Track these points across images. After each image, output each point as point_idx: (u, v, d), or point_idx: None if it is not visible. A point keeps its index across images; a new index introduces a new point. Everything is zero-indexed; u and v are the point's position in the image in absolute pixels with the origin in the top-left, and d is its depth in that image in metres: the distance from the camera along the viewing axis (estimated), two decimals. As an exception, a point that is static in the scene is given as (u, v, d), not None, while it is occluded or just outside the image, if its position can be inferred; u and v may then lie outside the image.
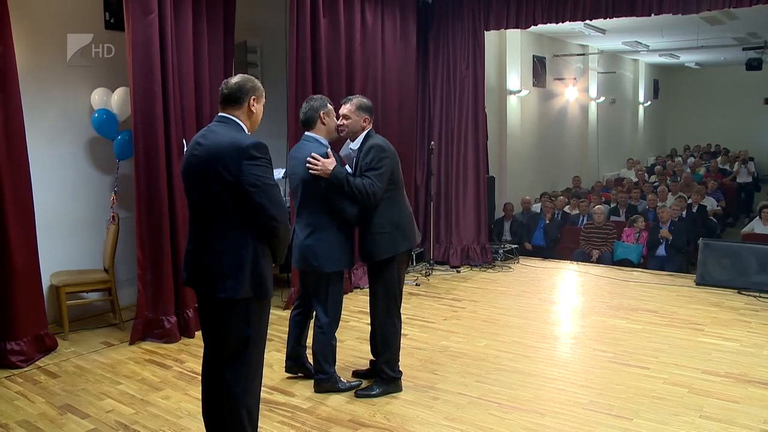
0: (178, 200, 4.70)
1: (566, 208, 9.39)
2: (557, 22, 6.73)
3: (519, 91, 10.07)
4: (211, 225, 2.59)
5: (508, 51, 9.81)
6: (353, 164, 3.63)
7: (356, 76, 6.14)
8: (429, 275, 6.86)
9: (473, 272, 7.05)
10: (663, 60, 16.17)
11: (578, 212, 9.03)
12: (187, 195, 2.72)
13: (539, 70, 11.11)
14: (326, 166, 3.45)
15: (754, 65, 12.33)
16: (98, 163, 5.36)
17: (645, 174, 12.96)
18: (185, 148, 2.87)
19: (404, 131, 6.95)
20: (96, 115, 5.07)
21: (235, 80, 2.71)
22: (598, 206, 8.58)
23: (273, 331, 3.98)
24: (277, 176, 3.50)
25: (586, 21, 7.53)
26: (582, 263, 7.57)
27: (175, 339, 4.72)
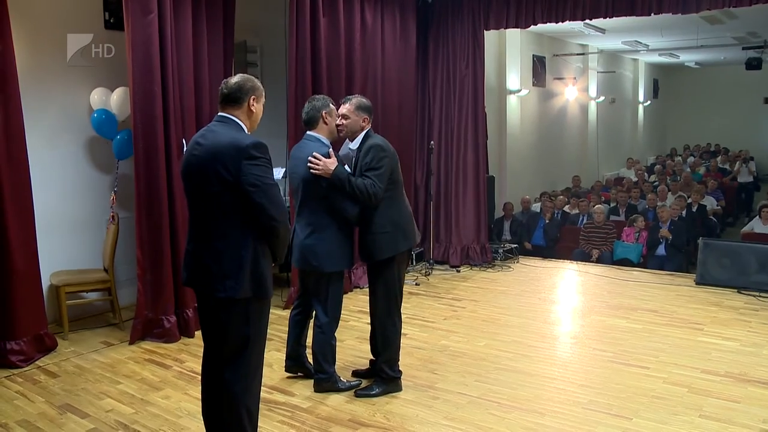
0: (178, 200, 4.70)
1: (566, 208, 9.39)
2: (557, 22, 6.73)
3: (519, 91, 10.06)
4: (211, 225, 2.58)
5: (508, 50, 9.80)
6: (352, 164, 3.63)
7: (356, 76, 6.14)
8: (429, 275, 6.87)
9: (473, 272, 7.06)
10: (663, 59, 16.15)
11: (578, 212, 9.03)
12: (187, 195, 2.72)
13: (539, 70, 11.10)
14: (328, 166, 3.45)
15: (754, 65, 12.31)
16: (98, 163, 5.36)
17: (645, 173, 12.96)
18: (185, 148, 2.87)
19: (404, 131, 6.95)
20: (95, 115, 5.07)
21: (235, 80, 2.71)
22: (598, 206, 8.58)
23: (273, 331, 3.97)
24: (277, 176, 3.50)
25: (586, 20, 7.53)
26: (582, 263, 7.57)
27: (175, 339, 4.73)
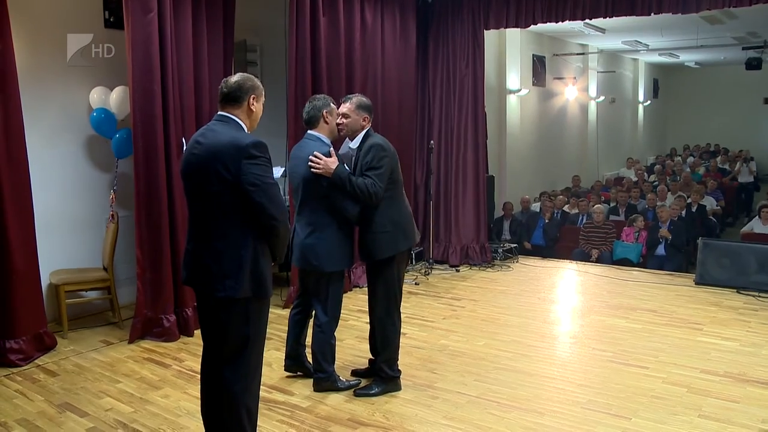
0: (178, 199, 4.70)
1: (566, 208, 9.39)
2: (557, 22, 6.73)
3: (519, 91, 10.06)
4: (211, 224, 2.58)
5: (508, 50, 9.80)
6: (352, 163, 3.63)
7: (356, 75, 6.14)
8: (428, 274, 6.87)
9: (472, 271, 7.06)
10: (663, 59, 16.15)
11: (578, 211, 9.03)
12: (187, 194, 2.72)
13: (539, 70, 11.09)
14: (328, 165, 3.45)
15: (754, 65, 12.31)
16: (97, 162, 5.36)
17: (644, 173, 12.97)
18: (184, 147, 2.87)
19: (404, 130, 6.95)
20: (94, 114, 5.07)
21: (235, 79, 2.70)
22: (598, 205, 8.58)
23: (272, 330, 3.98)
24: (277, 175, 3.50)
25: (586, 20, 7.52)
26: (581, 262, 7.57)
27: (174, 338, 4.73)
